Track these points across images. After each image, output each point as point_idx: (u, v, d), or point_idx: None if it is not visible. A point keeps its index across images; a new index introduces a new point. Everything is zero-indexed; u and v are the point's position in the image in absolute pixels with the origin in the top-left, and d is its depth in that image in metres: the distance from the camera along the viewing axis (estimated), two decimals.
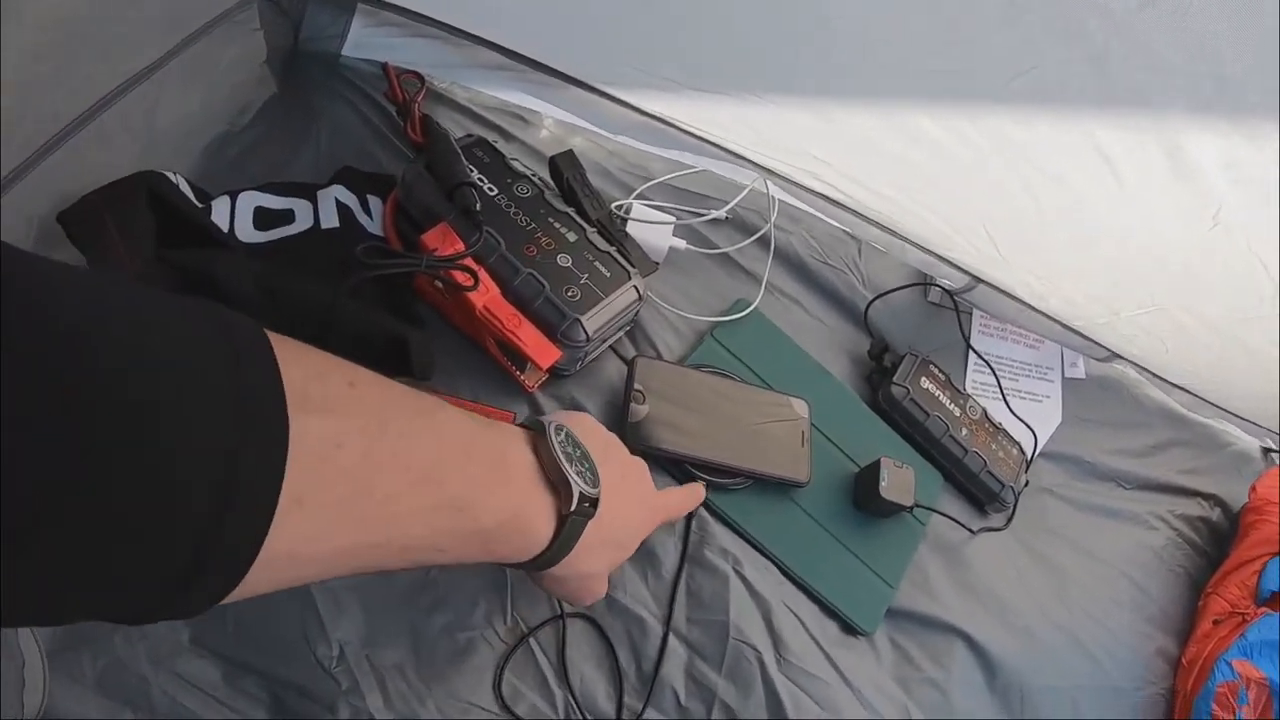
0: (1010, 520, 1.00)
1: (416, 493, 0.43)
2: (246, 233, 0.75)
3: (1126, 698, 1.00)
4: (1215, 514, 1.21)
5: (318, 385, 0.38)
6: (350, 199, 0.80)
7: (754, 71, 0.72)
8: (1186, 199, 0.71)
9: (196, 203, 0.73)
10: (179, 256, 0.66)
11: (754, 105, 0.75)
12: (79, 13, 0.54)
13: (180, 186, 0.71)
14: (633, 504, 0.63)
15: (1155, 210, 0.74)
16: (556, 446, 0.53)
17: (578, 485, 0.52)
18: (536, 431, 0.54)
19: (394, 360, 0.72)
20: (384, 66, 0.87)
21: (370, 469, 0.39)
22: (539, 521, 0.52)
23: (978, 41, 0.60)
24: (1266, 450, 1.33)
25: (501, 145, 0.82)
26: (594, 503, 0.54)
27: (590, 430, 0.61)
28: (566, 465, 0.53)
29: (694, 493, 0.74)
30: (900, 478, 0.85)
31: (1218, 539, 1.19)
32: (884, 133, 0.73)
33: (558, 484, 0.53)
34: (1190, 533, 1.17)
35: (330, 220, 0.78)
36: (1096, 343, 1.06)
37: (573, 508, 0.52)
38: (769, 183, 0.91)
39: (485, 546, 0.49)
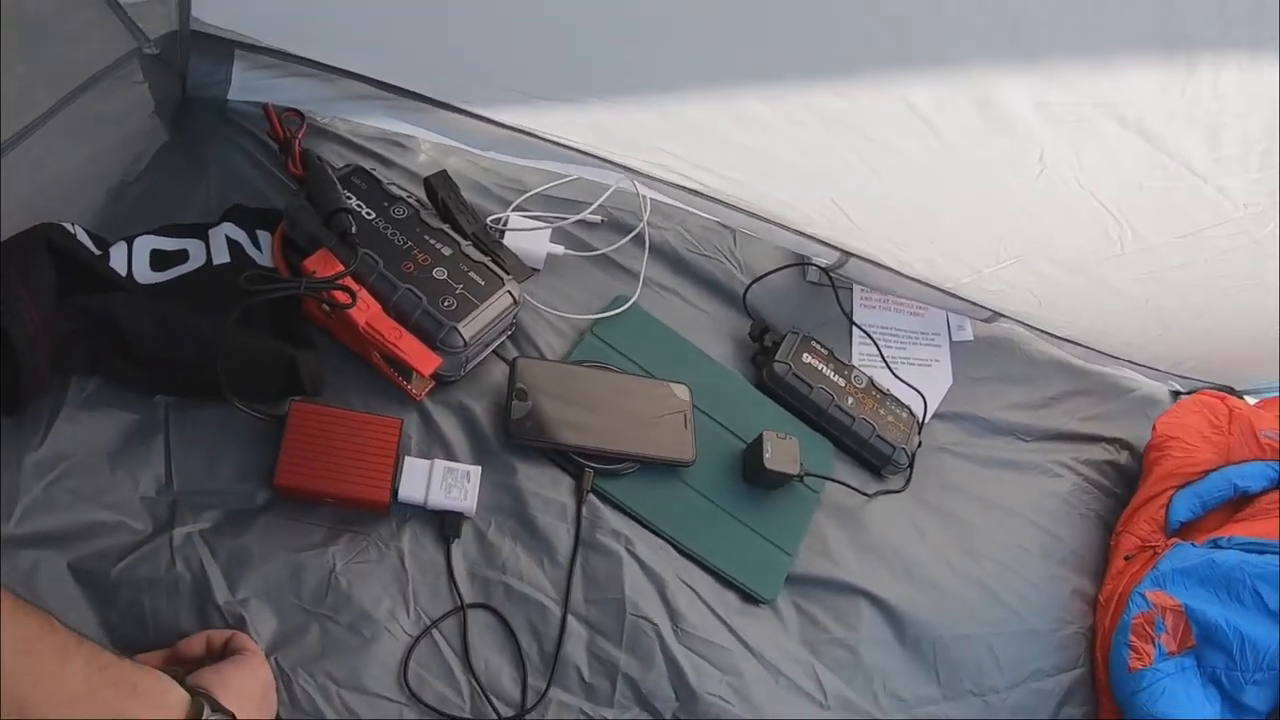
0: (908, 482, 1.05)
1: None
2: (144, 274, 0.79)
3: (1045, 639, 1.04)
4: (1123, 457, 1.26)
5: None
6: (240, 235, 0.84)
7: (593, 77, 0.77)
8: (1009, 146, 0.76)
9: (94, 250, 0.77)
10: (82, 301, 0.71)
11: (601, 109, 0.80)
12: None
13: (78, 236, 0.76)
14: None
15: (982, 162, 0.78)
16: None
17: None
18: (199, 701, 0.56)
19: (286, 381, 0.77)
20: (264, 107, 0.91)
21: None
22: None
23: (781, 24, 0.65)
24: (1176, 394, 1.39)
25: (381, 172, 0.87)
26: None
27: (248, 684, 0.63)
28: None
29: None
30: (784, 448, 0.90)
31: (1127, 480, 1.24)
32: (721, 120, 0.78)
33: None
34: (1098, 476, 1.22)
35: (222, 256, 0.83)
36: (973, 303, 1.11)
37: None
38: (637, 182, 0.96)
39: None
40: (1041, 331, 1.21)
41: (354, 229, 0.79)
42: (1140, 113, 0.71)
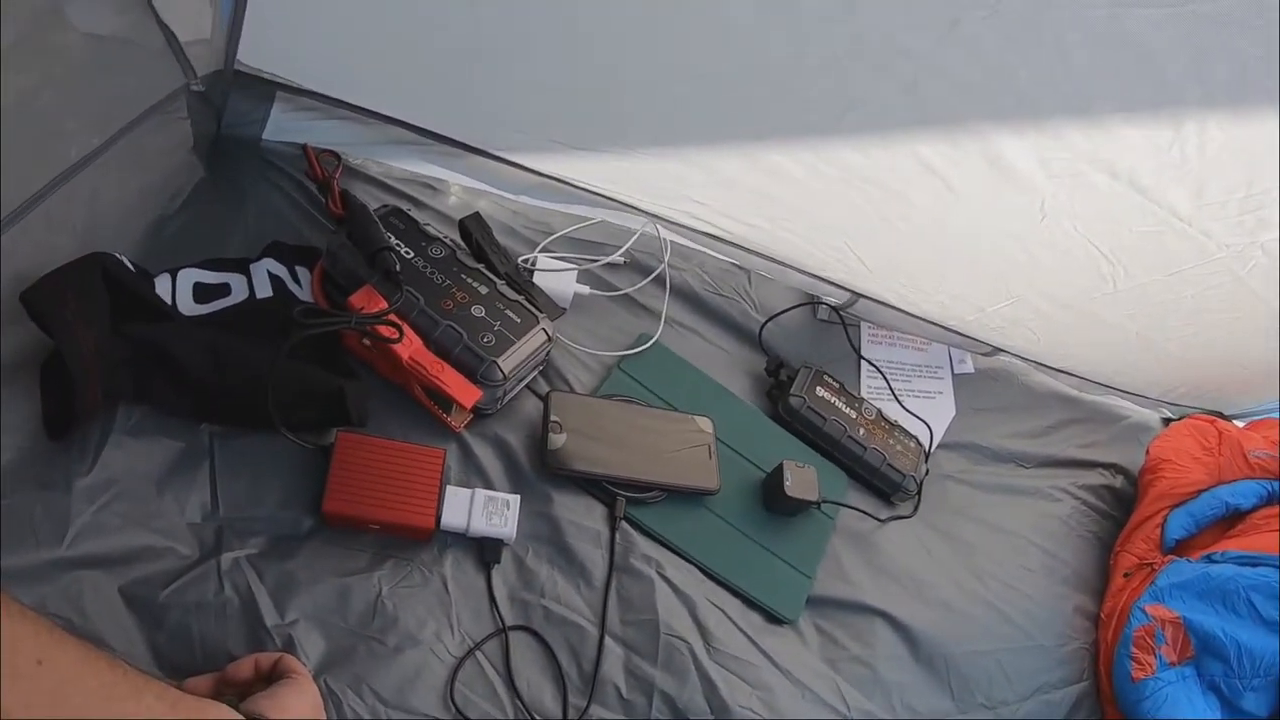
0: (917, 507, 1.09)
1: None
2: (188, 306, 0.81)
3: (1050, 654, 1.08)
4: (1118, 481, 1.31)
5: (5, 655, 0.44)
6: (281, 270, 0.87)
7: (627, 130, 0.82)
8: (1014, 197, 0.82)
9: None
10: (132, 329, 0.73)
11: (633, 159, 0.85)
12: (25, 106, 0.60)
13: (126, 265, 0.77)
14: None
15: (990, 211, 0.84)
16: None
17: None
18: None
19: (332, 411, 0.79)
20: (304, 147, 0.93)
21: None
22: None
23: (807, 88, 0.70)
24: (1167, 420, 1.44)
25: (414, 213, 0.90)
26: None
27: (300, 707, 0.65)
28: None
29: None
30: (803, 477, 0.94)
31: (1123, 503, 1.29)
32: (746, 172, 0.83)
33: None
34: (1095, 500, 1.27)
35: (264, 290, 0.86)
36: (975, 339, 1.17)
37: None
38: (659, 226, 1.00)
39: None
40: (1038, 364, 1.26)
41: (398, 267, 0.82)
42: (1131, 167, 0.78)
